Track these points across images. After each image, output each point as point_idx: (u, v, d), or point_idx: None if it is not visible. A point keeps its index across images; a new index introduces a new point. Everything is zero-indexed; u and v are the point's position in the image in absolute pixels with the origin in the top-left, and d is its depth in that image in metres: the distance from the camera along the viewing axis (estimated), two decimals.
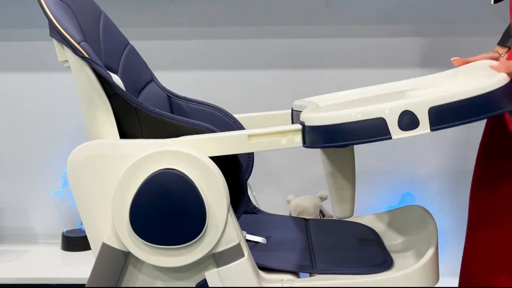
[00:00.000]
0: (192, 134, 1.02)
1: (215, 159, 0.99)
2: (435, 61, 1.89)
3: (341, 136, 0.92)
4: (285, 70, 1.94)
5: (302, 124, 0.97)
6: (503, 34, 1.21)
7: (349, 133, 0.92)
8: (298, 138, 0.97)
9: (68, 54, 1.00)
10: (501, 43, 1.21)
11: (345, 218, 1.10)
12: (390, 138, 0.91)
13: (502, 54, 1.17)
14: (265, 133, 0.98)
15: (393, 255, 1.09)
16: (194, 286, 1.02)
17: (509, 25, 1.18)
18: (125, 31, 1.27)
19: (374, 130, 0.91)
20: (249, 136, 0.98)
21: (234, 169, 1.03)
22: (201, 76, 1.92)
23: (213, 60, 1.93)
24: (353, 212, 1.10)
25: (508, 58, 1.15)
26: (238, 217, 1.03)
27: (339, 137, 0.92)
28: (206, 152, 0.98)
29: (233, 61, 1.93)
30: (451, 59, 1.13)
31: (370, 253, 1.11)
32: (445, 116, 0.90)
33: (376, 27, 1.91)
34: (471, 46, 1.73)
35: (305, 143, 0.96)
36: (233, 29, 1.92)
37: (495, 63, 1.05)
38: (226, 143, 0.99)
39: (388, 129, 0.91)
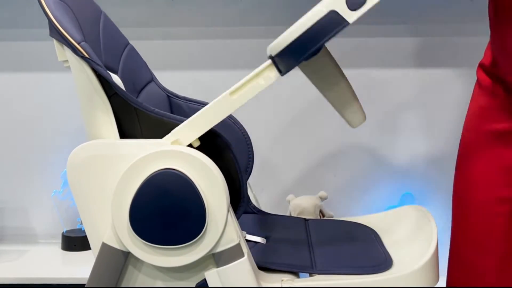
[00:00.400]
0: None
1: (214, 159, 0.99)
2: (434, 61, 1.90)
3: (307, 45, 0.96)
4: None
5: (270, 56, 1.00)
6: None
7: (312, 38, 0.96)
8: (273, 72, 1.00)
9: (68, 54, 1.00)
10: None
11: (361, 123, 1.17)
12: (348, 23, 0.95)
13: None
14: (243, 83, 1.00)
15: (393, 255, 1.09)
16: (194, 286, 1.02)
17: None
18: (125, 31, 1.27)
19: (331, 24, 0.95)
20: (231, 93, 1.00)
21: (234, 168, 1.04)
22: (201, 76, 1.92)
23: (213, 60, 1.93)
24: (364, 114, 1.17)
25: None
26: (238, 217, 1.03)
27: (305, 47, 0.96)
28: (200, 130, 0.99)
29: (233, 61, 1.93)
30: None
31: (370, 253, 1.11)
32: None
33: (376, 27, 1.91)
34: (468, 46, 1.74)
35: (281, 72, 0.99)
36: (233, 29, 1.92)
37: None
38: (213, 112, 1.00)
39: (342, 16, 0.95)
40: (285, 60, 0.97)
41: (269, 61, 1.00)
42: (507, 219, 1.15)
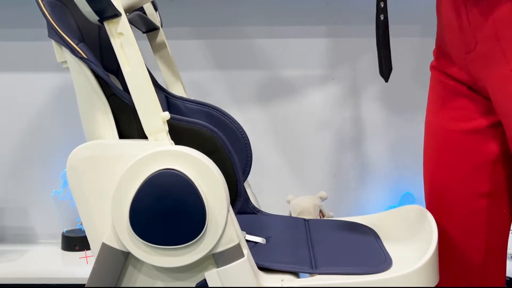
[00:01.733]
0: (190, 134, 1.02)
1: (210, 155, 0.99)
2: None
3: None
4: (284, 70, 1.94)
5: (99, 21, 0.97)
6: None
7: None
8: (115, 22, 0.97)
9: (67, 55, 1.01)
10: None
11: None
12: None
13: None
14: (118, 54, 0.98)
15: (392, 255, 1.09)
16: (194, 286, 1.02)
17: None
18: None
19: None
20: (124, 69, 0.98)
21: (230, 165, 1.04)
22: (199, 76, 1.92)
23: (213, 60, 1.93)
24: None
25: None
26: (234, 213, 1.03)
27: None
28: (154, 111, 0.98)
29: (232, 61, 1.93)
30: None
31: (370, 253, 1.11)
32: None
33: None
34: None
35: (118, 15, 0.96)
36: (233, 29, 1.92)
37: None
38: (139, 92, 0.98)
39: None
40: (100, 7, 0.95)
41: (105, 23, 0.97)
42: (486, 214, 1.15)
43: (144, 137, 1.00)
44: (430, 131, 1.23)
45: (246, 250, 1.00)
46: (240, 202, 1.07)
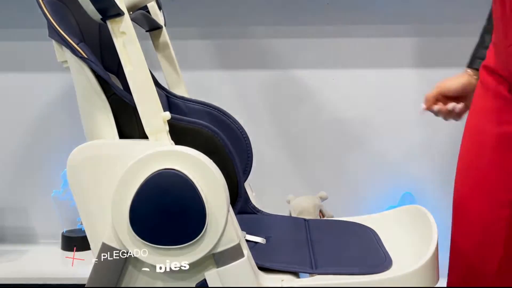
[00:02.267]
0: (190, 134, 1.02)
1: (210, 155, 0.99)
2: (434, 61, 1.90)
3: None
4: (284, 70, 1.94)
5: (102, 19, 0.98)
6: (472, 55, 1.26)
7: None
8: (117, 21, 0.97)
9: (67, 54, 1.01)
10: (470, 66, 1.26)
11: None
12: None
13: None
14: (120, 52, 0.98)
15: (392, 255, 1.09)
16: (194, 286, 1.02)
17: (477, 44, 1.25)
18: None
19: None
20: (126, 68, 0.98)
21: (230, 165, 1.04)
22: (199, 76, 1.92)
23: (213, 60, 1.93)
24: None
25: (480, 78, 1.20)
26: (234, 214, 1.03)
27: None
28: (155, 110, 0.98)
29: (232, 61, 1.93)
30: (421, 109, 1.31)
31: (370, 253, 1.11)
32: None
33: (376, 27, 1.91)
34: (467, 47, 1.74)
35: (120, 14, 0.96)
36: (233, 29, 1.92)
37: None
38: (141, 90, 0.98)
39: None
40: (104, 6, 0.95)
41: (108, 22, 0.97)
42: (508, 223, 1.14)
43: (145, 136, 1.00)
44: (467, 130, 1.21)
45: (246, 250, 1.00)
46: (240, 202, 1.07)
